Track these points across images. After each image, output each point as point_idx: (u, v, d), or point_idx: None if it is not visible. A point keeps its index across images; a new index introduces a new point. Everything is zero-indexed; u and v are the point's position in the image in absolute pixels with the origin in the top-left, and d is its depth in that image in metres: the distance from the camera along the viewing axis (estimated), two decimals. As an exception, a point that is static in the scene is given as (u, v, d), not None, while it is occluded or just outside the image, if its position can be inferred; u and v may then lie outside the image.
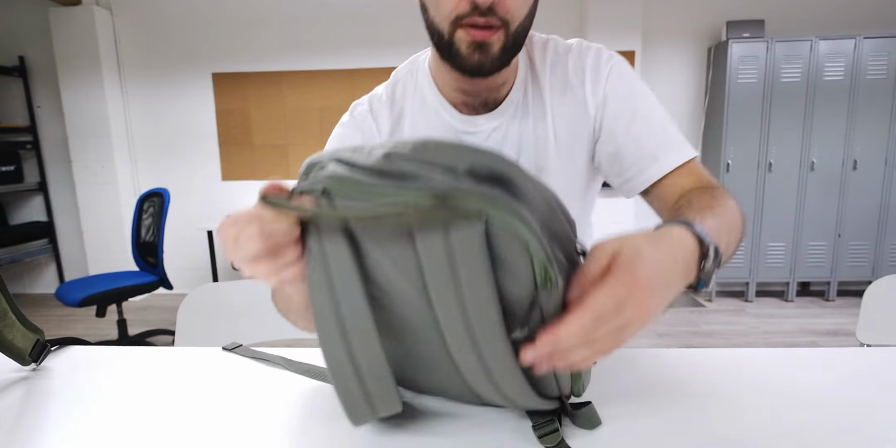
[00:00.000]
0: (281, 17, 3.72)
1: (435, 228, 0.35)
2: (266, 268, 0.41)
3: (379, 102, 0.78)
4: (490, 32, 0.60)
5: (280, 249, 0.41)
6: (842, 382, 0.56)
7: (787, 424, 0.48)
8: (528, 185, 0.38)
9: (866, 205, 3.33)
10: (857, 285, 3.60)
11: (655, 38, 3.59)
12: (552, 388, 0.45)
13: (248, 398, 0.56)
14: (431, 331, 0.42)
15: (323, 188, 0.38)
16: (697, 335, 2.96)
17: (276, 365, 0.65)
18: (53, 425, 0.51)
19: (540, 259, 0.35)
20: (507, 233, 0.34)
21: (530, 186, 0.38)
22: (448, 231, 0.35)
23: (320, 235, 0.40)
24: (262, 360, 0.66)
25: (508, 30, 0.61)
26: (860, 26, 3.47)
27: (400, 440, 0.46)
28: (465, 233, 0.35)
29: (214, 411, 0.53)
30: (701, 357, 0.63)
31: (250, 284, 1.05)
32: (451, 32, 0.61)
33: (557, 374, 0.44)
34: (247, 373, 0.63)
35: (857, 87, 3.19)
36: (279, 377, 0.61)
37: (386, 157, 0.39)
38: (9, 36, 3.79)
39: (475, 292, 0.36)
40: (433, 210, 0.34)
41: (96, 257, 3.86)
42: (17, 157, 3.79)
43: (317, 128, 3.81)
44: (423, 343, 0.44)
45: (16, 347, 0.64)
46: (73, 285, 2.57)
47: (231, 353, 0.69)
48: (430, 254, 0.36)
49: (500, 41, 0.61)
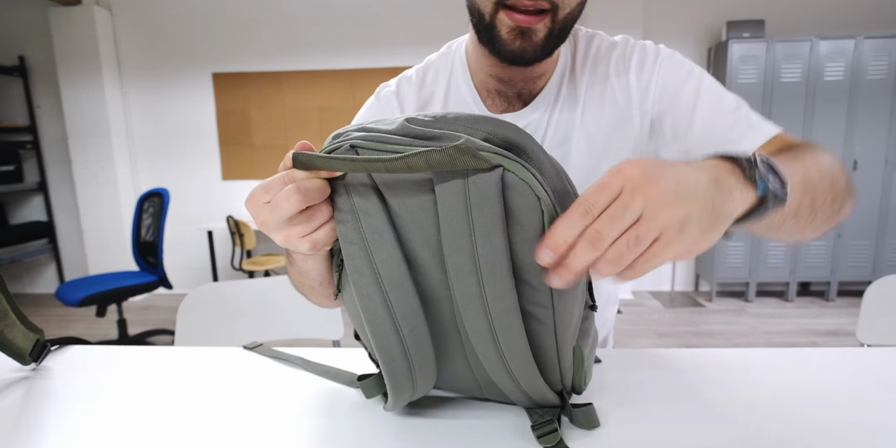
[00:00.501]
0: (281, 17, 3.72)
1: (454, 176, 0.37)
2: (300, 229, 0.42)
3: (408, 83, 0.73)
4: (536, 18, 0.55)
5: (314, 209, 0.42)
6: (842, 382, 0.56)
7: (786, 424, 0.48)
8: (542, 156, 0.39)
9: (866, 205, 3.33)
10: (857, 285, 3.60)
11: (655, 38, 3.59)
12: (555, 375, 0.45)
13: (248, 398, 0.56)
14: (444, 301, 0.43)
15: (351, 145, 0.41)
16: (697, 335, 2.96)
17: (293, 365, 0.65)
18: (53, 425, 0.51)
19: (550, 214, 0.36)
20: (521, 186, 0.36)
21: (544, 158, 0.39)
22: (466, 177, 0.36)
23: (349, 192, 0.42)
24: (277, 360, 0.66)
25: (556, 16, 0.55)
26: (860, 26, 3.47)
27: (399, 437, 0.46)
28: (483, 178, 0.36)
29: (214, 411, 0.53)
30: (701, 357, 0.63)
31: (250, 284, 1.05)
32: (493, 13, 0.56)
33: (562, 363, 0.44)
34: (247, 373, 0.63)
35: (857, 87, 3.19)
36: (281, 377, 0.61)
37: (407, 122, 0.41)
38: (9, 36, 3.79)
39: (488, 242, 0.37)
40: (454, 159, 0.35)
41: (96, 257, 3.86)
42: (17, 157, 3.79)
43: (317, 128, 3.81)
44: (434, 318, 0.45)
45: (16, 347, 0.64)
46: (73, 285, 2.57)
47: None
48: (448, 200, 0.37)
49: (546, 28, 0.56)
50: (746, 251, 3.44)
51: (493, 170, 0.36)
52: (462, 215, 0.37)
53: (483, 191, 0.36)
